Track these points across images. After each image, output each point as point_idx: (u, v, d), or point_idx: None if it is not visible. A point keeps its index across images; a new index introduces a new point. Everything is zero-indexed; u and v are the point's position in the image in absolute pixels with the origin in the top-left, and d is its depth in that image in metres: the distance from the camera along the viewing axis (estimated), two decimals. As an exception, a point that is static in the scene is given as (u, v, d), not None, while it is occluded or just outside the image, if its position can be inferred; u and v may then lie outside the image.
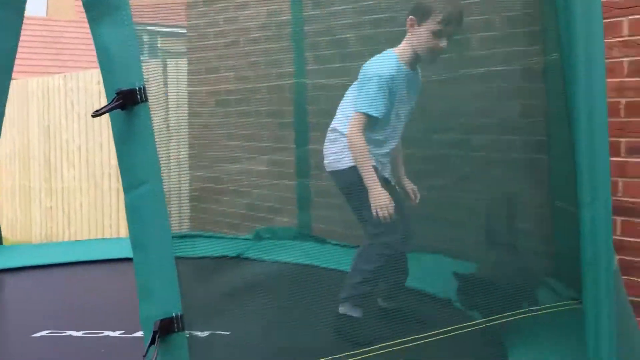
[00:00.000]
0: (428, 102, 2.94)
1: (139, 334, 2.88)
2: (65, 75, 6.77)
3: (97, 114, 1.33)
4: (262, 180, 4.79)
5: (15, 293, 3.66)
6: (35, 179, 7.13)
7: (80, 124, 6.55)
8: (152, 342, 1.25)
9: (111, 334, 2.85)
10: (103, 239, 5.74)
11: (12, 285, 3.76)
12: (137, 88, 1.37)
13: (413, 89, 2.52)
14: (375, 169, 2.46)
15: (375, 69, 2.44)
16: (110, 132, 5.16)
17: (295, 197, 4.45)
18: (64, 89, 6.72)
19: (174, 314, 1.29)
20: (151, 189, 1.34)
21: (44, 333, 2.83)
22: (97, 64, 1.43)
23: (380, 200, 2.42)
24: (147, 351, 1.24)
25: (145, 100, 1.36)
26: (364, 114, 2.43)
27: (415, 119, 2.79)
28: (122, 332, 2.88)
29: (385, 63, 2.44)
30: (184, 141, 4.27)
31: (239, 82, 5.15)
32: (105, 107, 1.34)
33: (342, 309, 2.37)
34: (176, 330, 1.28)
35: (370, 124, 2.46)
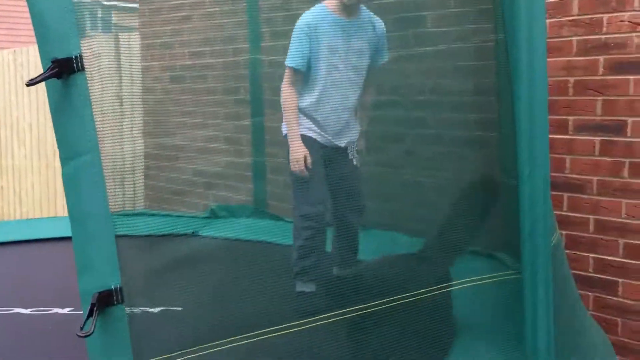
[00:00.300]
0: (381, 79, 2.95)
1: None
2: (15, 50, 6.56)
3: (32, 82, 1.29)
4: (218, 157, 4.75)
5: (-37, 271, 3.58)
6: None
7: (31, 100, 6.37)
8: (90, 314, 1.23)
9: (60, 310, 2.82)
10: (54, 217, 5.62)
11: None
12: (73, 57, 1.33)
13: (359, 38, 2.44)
14: (317, 130, 2.45)
15: (299, 21, 2.42)
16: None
17: (250, 174, 4.44)
18: (13, 64, 6.52)
19: (112, 287, 1.27)
20: (88, 161, 1.31)
21: (-8, 311, 2.78)
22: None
23: (294, 154, 2.42)
24: (84, 324, 1.22)
25: (82, 69, 1.33)
26: (288, 67, 2.42)
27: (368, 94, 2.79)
28: (71, 309, 2.85)
29: (310, 14, 2.42)
30: (139, 116, 4.19)
31: (194, 57, 5.08)
32: (40, 75, 1.30)
33: (297, 287, 2.38)
34: (115, 302, 1.26)
35: (298, 77, 2.44)
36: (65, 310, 2.80)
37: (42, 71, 1.29)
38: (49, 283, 3.34)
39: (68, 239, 4.34)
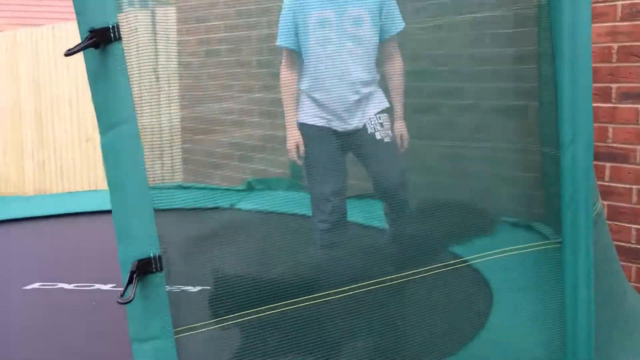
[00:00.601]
0: (419, 49, 2.88)
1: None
2: (54, 26, 6.64)
3: (70, 52, 1.30)
4: (254, 130, 4.77)
5: (7, 245, 3.68)
6: (27, 133, 7.08)
7: (70, 76, 6.46)
8: (130, 281, 1.25)
9: (102, 287, 2.88)
10: (96, 190, 5.73)
11: (4, 237, 3.78)
12: (110, 26, 1.34)
13: (353, 6, 2.23)
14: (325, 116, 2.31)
15: None
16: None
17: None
18: (52, 40, 6.61)
19: (151, 254, 1.29)
20: (126, 130, 1.32)
21: (35, 285, 2.85)
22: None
23: (288, 143, 2.32)
24: (124, 291, 1.24)
25: (118, 39, 1.33)
26: (279, 48, 2.34)
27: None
28: (113, 285, 2.90)
29: None
30: (175, 90, 4.23)
31: (229, 30, 5.07)
32: (78, 45, 1.31)
33: None
34: (154, 270, 1.28)
35: (293, 58, 2.31)
36: (107, 287, 2.86)
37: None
38: (91, 258, 3.42)
39: (109, 212, 4.41)
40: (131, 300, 1.23)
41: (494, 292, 2.20)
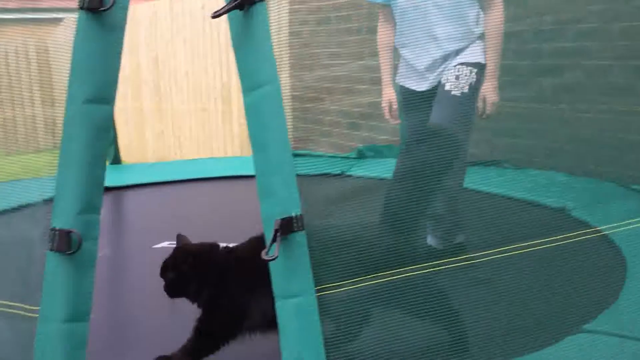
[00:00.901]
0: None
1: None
2: (171, 1, 6.87)
3: (216, 14, 1.33)
4: (363, 98, 4.73)
5: (136, 208, 3.89)
6: (146, 102, 7.42)
7: (186, 49, 6.68)
8: (274, 240, 1.27)
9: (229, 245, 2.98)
10: (214, 157, 5.93)
11: (132, 200, 4.00)
12: (255, -11, 1.35)
13: None
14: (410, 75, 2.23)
15: None
16: (213, 57, 5.21)
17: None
18: (170, 14, 6.84)
19: (293, 214, 1.31)
20: (269, 90, 1.33)
21: (164, 244, 2.99)
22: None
23: (382, 101, 2.29)
24: (269, 248, 1.27)
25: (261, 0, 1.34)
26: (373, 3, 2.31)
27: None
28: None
29: None
30: (286, 59, 4.24)
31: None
32: (224, 7, 1.33)
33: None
34: (295, 229, 1.30)
35: (386, 13, 2.29)
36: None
37: (194, 20, 1.33)
38: (214, 219, 3.54)
39: (228, 178, 4.54)
40: (275, 258, 1.25)
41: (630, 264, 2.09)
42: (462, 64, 2.13)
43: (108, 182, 1.42)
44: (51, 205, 1.28)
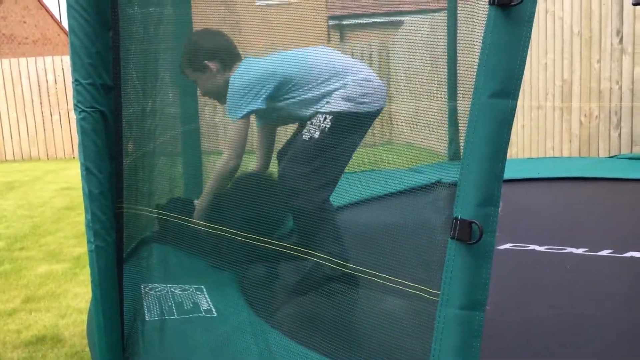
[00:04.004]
0: None
1: (605, 252, 2.79)
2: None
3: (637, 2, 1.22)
4: None
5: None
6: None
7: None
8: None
9: (574, 250, 2.82)
10: (543, 157, 5.69)
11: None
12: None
13: None
14: None
15: None
16: (555, 52, 4.99)
17: None
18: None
19: None
20: None
21: (507, 246, 2.95)
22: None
23: None
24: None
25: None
26: None
27: None
28: (585, 249, 2.83)
29: None
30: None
31: None
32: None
33: None
34: None
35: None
36: (580, 251, 2.80)
37: None
38: (555, 221, 3.39)
39: (566, 179, 4.31)
40: None
41: None
42: (320, 112, 2.41)
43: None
44: (454, 193, 1.33)
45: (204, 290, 2.29)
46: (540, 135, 6.35)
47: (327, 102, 2.40)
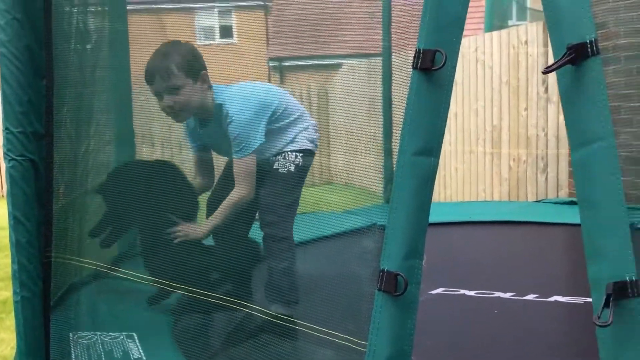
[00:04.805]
0: None
1: (530, 296, 2.88)
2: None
3: (548, 70, 1.32)
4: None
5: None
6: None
7: (456, 91, 6.77)
8: (606, 304, 1.20)
9: (502, 295, 2.90)
10: (475, 201, 5.87)
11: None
12: (587, 41, 1.32)
13: None
14: None
15: None
16: (485, 99, 5.21)
17: None
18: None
19: (627, 278, 1.23)
20: (603, 146, 1.28)
21: (439, 290, 3.01)
22: (472, 32, 1.41)
23: None
24: (601, 313, 1.20)
25: (597, 53, 1.30)
26: None
27: None
28: (512, 294, 2.91)
29: None
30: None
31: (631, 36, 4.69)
32: (555, 63, 1.32)
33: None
34: (630, 295, 1.21)
35: None
36: (507, 295, 2.88)
37: (467, 62, 1.31)
38: (488, 266, 3.49)
39: (496, 223, 4.43)
40: (609, 325, 1.19)
41: None
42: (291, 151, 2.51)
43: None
44: (379, 245, 1.38)
45: (135, 337, 2.25)
46: (473, 178, 6.56)
47: (295, 140, 2.52)
